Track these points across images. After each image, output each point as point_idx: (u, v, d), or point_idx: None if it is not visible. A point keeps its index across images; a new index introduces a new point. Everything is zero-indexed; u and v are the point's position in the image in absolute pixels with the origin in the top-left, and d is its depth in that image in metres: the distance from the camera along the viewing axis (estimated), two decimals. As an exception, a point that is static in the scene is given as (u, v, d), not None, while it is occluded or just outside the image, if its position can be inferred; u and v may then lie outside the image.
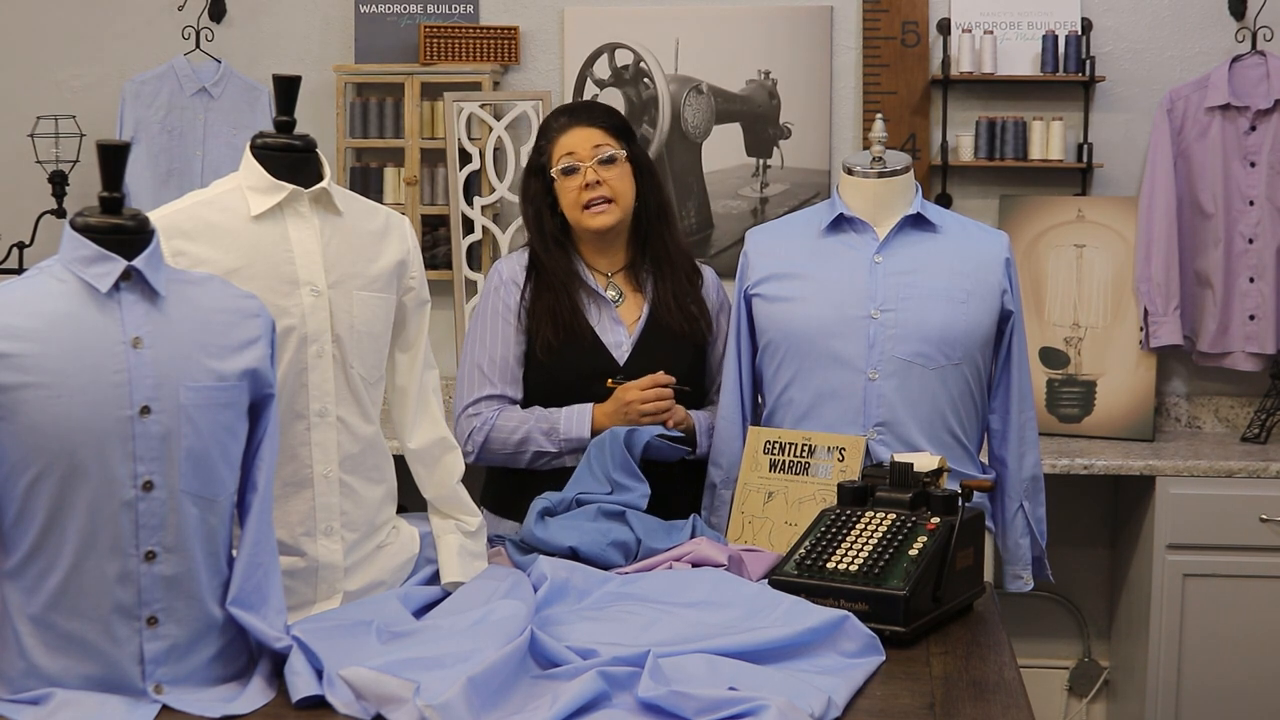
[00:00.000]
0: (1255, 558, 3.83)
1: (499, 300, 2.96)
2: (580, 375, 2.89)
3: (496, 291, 2.97)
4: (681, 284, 2.98)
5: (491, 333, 2.95)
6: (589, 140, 2.91)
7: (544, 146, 2.96)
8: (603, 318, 2.94)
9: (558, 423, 2.87)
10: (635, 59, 4.44)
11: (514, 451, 2.90)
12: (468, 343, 2.98)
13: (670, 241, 3.00)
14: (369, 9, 4.47)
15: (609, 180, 2.89)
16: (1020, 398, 2.96)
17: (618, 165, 2.91)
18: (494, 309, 2.96)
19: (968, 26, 4.32)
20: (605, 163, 2.90)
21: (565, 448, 2.87)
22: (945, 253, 2.89)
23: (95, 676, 1.96)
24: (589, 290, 2.94)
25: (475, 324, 2.98)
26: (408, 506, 2.63)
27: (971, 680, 2.13)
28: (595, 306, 2.94)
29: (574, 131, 2.92)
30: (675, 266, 2.99)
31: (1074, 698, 4.48)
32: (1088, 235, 4.25)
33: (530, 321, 2.93)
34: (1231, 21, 4.29)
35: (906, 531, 2.39)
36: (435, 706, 1.84)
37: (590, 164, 2.89)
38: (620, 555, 2.62)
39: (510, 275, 2.98)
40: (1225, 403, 4.38)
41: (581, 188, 2.89)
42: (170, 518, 1.98)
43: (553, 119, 2.98)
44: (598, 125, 2.94)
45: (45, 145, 4.37)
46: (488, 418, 2.89)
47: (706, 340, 3.02)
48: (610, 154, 2.90)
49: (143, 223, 2.02)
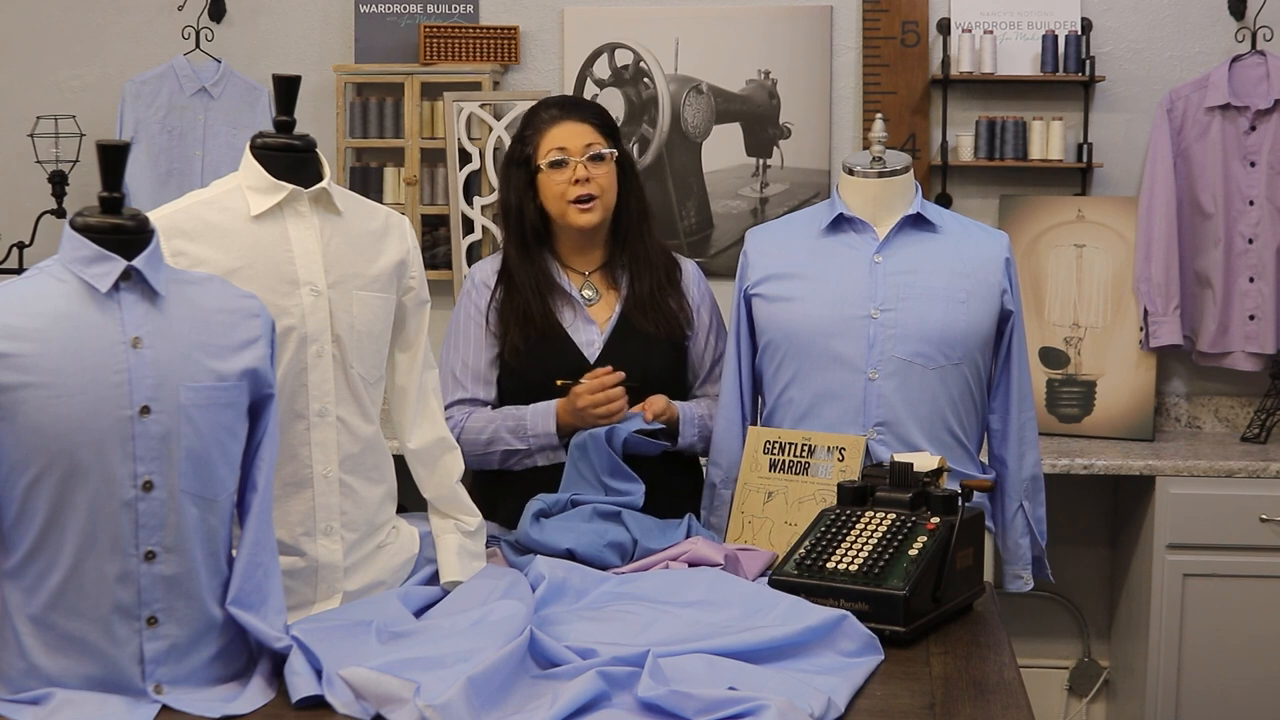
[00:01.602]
0: (1255, 558, 3.83)
1: (470, 304, 2.96)
2: (550, 375, 2.88)
3: (469, 295, 2.97)
4: (659, 281, 2.96)
5: (464, 337, 2.95)
6: (581, 136, 2.90)
7: (530, 137, 2.93)
8: (576, 319, 2.93)
9: (524, 419, 2.86)
10: (635, 59, 4.44)
11: (484, 452, 2.89)
12: (443, 348, 2.98)
13: (648, 241, 2.99)
14: (369, 9, 4.47)
15: (597, 178, 2.89)
16: (1020, 398, 2.96)
17: (606, 164, 2.90)
18: (466, 313, 2.96)
19: (968, 26, 4.32)
20: (595, 160, 2.89)
21: (534, 444, 2.85)
22: (945, 253, 2.89)
23: (95, 676, 1.96)
24: (561, 292, 2.94)
25: (450, 329, 2.99)
26: (408, 506, 2.63)
27: (971, 680, 2.13)
28: (568, 308, 2.93)
29: (565, 125, 2.90)
30: (653, 266, 2.97)
31: (1074, 698, 4.48)
32: (1088, 235, 4.25)
33: (500, 324, 2.92)
34: (1231, 21, 4.29)
35: (906, 531, 2.39)
36: (436, 707, 1.84)
37: (581, 159, 2.88)
38: (617, 556, 2.61)
39: (482, 279, 2.97)
40: (1225, 403, 4.38)
41: (570, 182, 2.88)
42: (170, 518, 1.98)
43: (542, 110, 2.95)
44: (590, 122, 2.92)
45: (45, 145, 4.37)
46: (458, 420, 2.90)
47: (686, 336, 3.01)
48: (601, 152, 2.90)
49: (143, 223, 2.02)
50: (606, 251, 2.99)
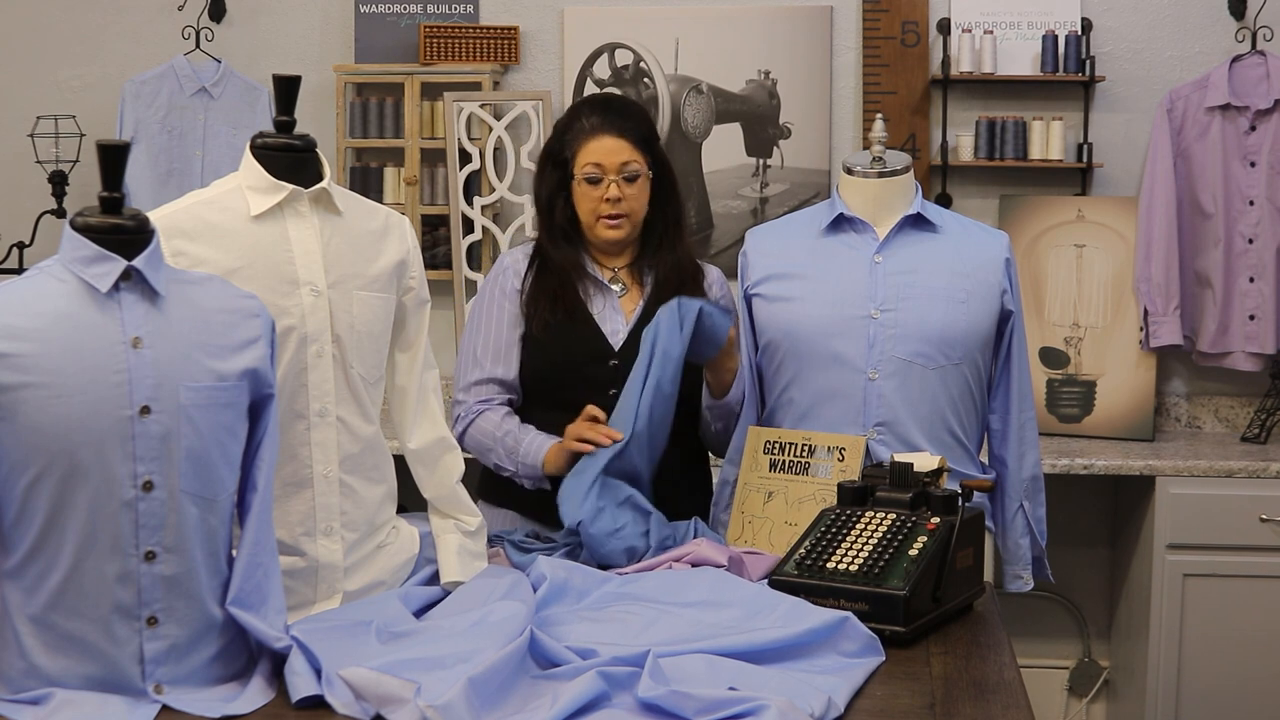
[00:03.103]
0: (1255, 558, 3.83)
1: (497, 286, 2.97)
2: (574, 356, 2.89)
3: (496, 279, 2.98)
4: (685, 284, 2.97)
5: (487, 316, 2.95)
6: (618, 154, 2.88)
7: (569, 142, 2.92)
8: (605, 306, 2.94)
9: (520, 443, 2.85)
10: (635, 59, 4.44)
11: (483, 454, 2.91)
12: (466, 329, 2.99)
13: (679, 249, 2.99)
14: (369, 9, 4.47)
15: (629, 198, 2.88)
16: (1020, 398, 2.96)
17: (640, 180, 2.90)
18: (491, 294, 2.97)
19: (968, 26, 4.32)
20: (629, 180, 2.89)
21: (522, 471, 2.85)
22: (945, 253, 2.89)
23: (95, 676, 1.96)
24: (592, 279, 2.95)
25: (473, 310, 2.99)
26: (408, 506, 2.63)
27: (971, 680, 2.13)
28: (598, 294, 2.95)
29: (604, 139, 2.88)
30: (681, 269, 2.98)
31: (1074, 698, 4.48)
32: (1088, 235, 4.25)
33: (529, 305, 2.93)
34: (1231, 21, 4.29)
35: (906, 531, 2.39)
36: (436, 707, 1.84)
37: (615, 178, 2.87)
38: (625, 559, 2.62)
39: (512, 264, 2.99)
40: (1225, 403, 4.38)
41: (602, 199, 2.88)
42: (170, 518, 1.98)
43: (585, 115, 2.93)
44: (628, 137, 2.89)
45: (45, 145, 4.37)
46: (471, 408, 2.90)
47: None
48: (635, 171, 2.89)
49: (143, 223, 2.02)
50: (635, 251, 2.99)
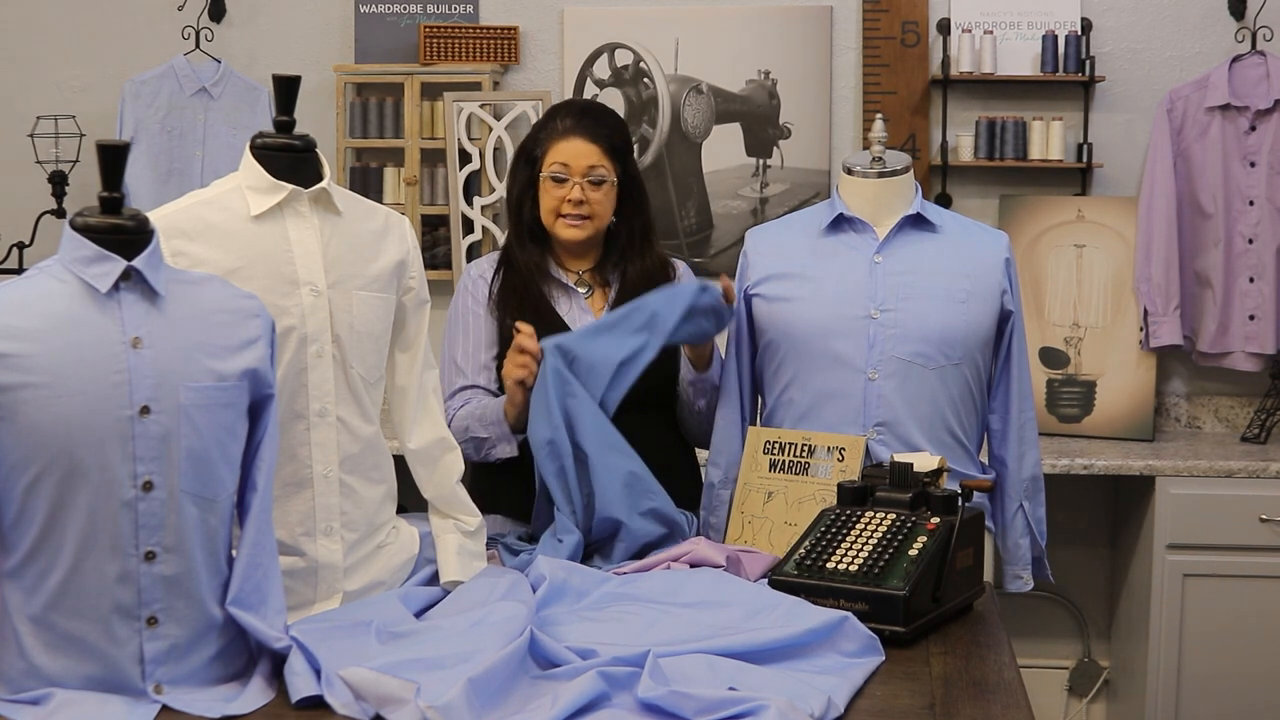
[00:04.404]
0: (1255, 558, 3.83)
1: (468, 296, 2.98)
2: None
3: (466, 289, 2.99)
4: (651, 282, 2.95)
5: (462, 327, 2.96)
6: (586, 157, 2.89)
7: (542, 140, 2.94)
8: (572, 306, 2.94)
9: (487, 408, 2.84)
10: (635, 59, 4.44)
11: (464, 441, 2.82)
12: (444, 341, 2.99)
13: (647, 257, 2.99)
14: (369, 9, 4.47)
15: (593, 201, 2.89)
16: (1020, 398, 2.95)
17: (605, 186, 2.91)
18: (464, 304, 2.98)
19: (968, 26, 4.32)
20: (595, 183, 2.89)
21: (494, 433, 2.83)
22: (945, 253, 2.89)
23: (95, 676, 1.96)
24: (557, 281, 2.96)
25: (449, 323, 3.00)
26: (408, 506, 2.63)
27: (971, 680, 2.13)
28: (563, 296, 2.95)
29: (574, 141, 2.90)
30: (647, 272, 2.98)
31: (1074, 698, 4.48)
32: (1088, 235, 4.25)
33: (499, 306, 2.94)
34: (1231, 21, 4.29)
35: (906, 531, 2.39)
36: (437, 707, 1.84)
37: (580, 180, 2.88)
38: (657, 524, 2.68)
39: (479, 273, 3.00)
40: (1225, 403, 4.38)
41: (564, 199, 2.89)
42: (170, 518, 1.98)
43: (558, 117, 2.95)
44: (599, 143, 2.90)
45: (45, 145, 4.37)
46: (453, 409, 2.91)
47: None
48: (601, 177, 2.90)
49: (142, 223, 2.02)
50: (598, 256, 3.00)
